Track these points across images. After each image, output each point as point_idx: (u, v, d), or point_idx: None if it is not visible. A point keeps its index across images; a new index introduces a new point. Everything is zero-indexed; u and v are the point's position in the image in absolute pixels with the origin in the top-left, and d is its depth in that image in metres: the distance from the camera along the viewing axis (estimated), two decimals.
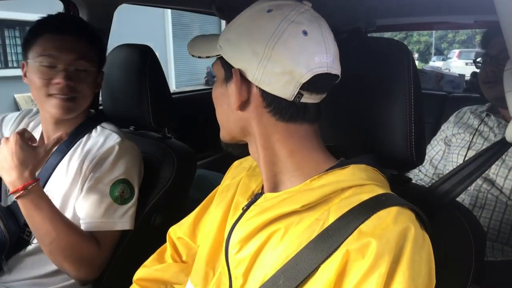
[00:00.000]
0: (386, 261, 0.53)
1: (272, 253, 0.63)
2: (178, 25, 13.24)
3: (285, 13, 0.62)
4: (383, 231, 0.56)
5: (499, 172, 1.32)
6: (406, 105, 0.72)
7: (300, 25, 0.61)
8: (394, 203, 0.59)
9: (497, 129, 1.40)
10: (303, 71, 0.60)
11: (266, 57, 0.61)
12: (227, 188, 0.82)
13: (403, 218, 0.57)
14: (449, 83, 2.75)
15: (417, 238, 0.56)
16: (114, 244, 1.10)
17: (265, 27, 0.61)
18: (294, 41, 0.60)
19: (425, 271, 0.56)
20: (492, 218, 1.31)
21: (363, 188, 0.62)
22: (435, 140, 1.62)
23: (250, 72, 0.63)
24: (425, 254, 0.57)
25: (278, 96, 0.63)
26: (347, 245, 0.56)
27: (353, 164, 0.65)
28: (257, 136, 0.67)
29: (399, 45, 0.77)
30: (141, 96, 1.24)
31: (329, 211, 0.61)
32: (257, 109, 0.65)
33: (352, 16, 2.10)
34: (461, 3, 1.70)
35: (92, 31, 1.14)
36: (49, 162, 1.14)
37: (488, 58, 1.43)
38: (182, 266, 0.88)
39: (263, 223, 0.64)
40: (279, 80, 0.61)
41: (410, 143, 0.74)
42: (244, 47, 0.63)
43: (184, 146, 1.33)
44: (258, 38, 0.62)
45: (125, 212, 1.09)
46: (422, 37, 30.90)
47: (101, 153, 1.09)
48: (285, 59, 0.60)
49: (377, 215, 0.57)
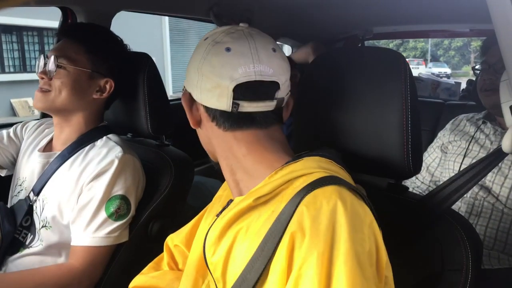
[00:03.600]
0: (323, 241, 0.55)
1: (240, 251, 0.66)
2: (175, 31, 13.30)
3: (214, 37, 0.70)
4: (317, 211, 0.58)
5: (495, 179, 1.32)
6: (402, 114, 0.73)
7: (223, 44, 0.68)
8: (331, 182, 0.61)
9: (493, 137, 1.41)
10: (227, 82, 0.67)
11: (199, 77, 0.69)
12: (218, 199, 0.86)
13: (336, 196, 0.59)
14: (445, 90, 2.76)
15: (355, 216, 0.58)
16: (105, 259, 1.09)
17: (199, 52, 0.71)
18: (216, 58, 0.68)
19: (370, 248, 0.57)
20: (488, 226, 1.32)
21: (312, 175, 0.64)
22: (431, 147, 1.63)
23: (194, 93, 0.72)
24: (367, 231, 0.58)
25: (218, 110, 0.69)
26: (291, 228, 0.58)
27: (306, 157, 0.68)
28: (217, 148, 0.74)
29: (395, 54, 0.78)
30: (139, 104, 1.24)
31: (281, 201, 0.63)
32: (207, 123, 0.73)
33: (349, 23, 2.12)
34: (457, 12, 1.72)
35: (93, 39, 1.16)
36: (49, 167, 1.14)
37: (487, 66, 1.43)
38: (178, 273, 0.88)
39: (228, 223, 0.68)
40: (213, 95, 0.68)
41: (407, 152, 0.74)
42: (189, 73, 0.73)
43: (181, 153, 1.33)
44: (193, 62, 0.71)
45: (118, 228, 1.08)
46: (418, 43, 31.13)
47: (101, 167, 1.08)
48: (211, 75, 0.68)
49: (313, 193, 0.60)
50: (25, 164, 1.21)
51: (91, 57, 1.14)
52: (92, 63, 1.14)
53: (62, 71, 1.11)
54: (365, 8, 1.75)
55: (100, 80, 1.16)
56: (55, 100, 1.11)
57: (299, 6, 1.69)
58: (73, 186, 1.09)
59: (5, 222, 1.10)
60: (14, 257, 1.10)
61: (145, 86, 1.23)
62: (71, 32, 1.18)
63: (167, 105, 1.35)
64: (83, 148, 1.14)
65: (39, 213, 1.11)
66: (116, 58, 1.20)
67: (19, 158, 1.24)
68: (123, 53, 1.23)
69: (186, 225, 0.92)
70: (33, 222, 1.12)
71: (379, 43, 14.25)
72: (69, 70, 1.11)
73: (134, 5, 1.63)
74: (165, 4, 1.64)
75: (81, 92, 1.13)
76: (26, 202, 1.13)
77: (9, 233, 1.10)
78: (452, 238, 0.75)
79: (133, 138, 1.41)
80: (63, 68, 1.11)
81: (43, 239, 1.09)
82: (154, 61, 1.30)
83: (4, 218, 1.11)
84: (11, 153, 1.26)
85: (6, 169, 1.28)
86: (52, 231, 1.09)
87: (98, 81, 1.16)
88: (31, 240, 1.11)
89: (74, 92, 1.12)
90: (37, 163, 1.17)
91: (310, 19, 1.88)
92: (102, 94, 1.17)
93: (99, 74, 1.15)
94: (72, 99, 1.12)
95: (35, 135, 1.26)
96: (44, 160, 1.17)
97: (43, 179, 1.13)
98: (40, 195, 1.13)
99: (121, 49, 1.23)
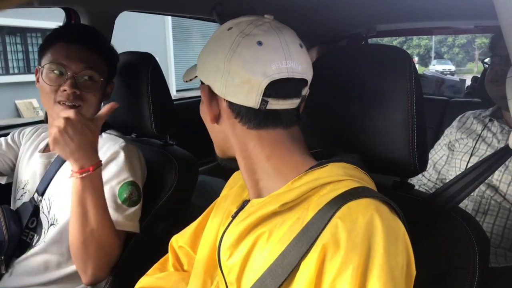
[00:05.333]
0: (358, 254, 0.54)
1: (259, 256, 0.64)
2: (178, 28, 13.31)
3: (241, 28, 0.67)
4: (353, 224, 0.56)
5: (502, 178, 1.31)
6: (408, 112, 0.73)
7: (254, 36, 0.65)
8: (365, 195, 0.60)
9: (500, 135, 1.40)
10: (260, 79, 0.63)
11: (226, 70, 0.65)
12: (225, 198, 0.84)
13: (372, 209, 0.58)
14: (450, 88, 2.75)
15: (390, 229, 0.57)
16: (123, 245, 1.09)
17: (224, 44, 0.66)
18: (248, 52, 0.64)
19: (403, 262, 0.56)
20: (495, 224, 1.31)
21: (340, 183, 0.63)
22: (438, 145, 1.62)
23: (216, 87, 0.67)
24: (401, 245, 0.57)
25: (244, 106, 0.66)
26: (323, 240, 0.57)
27: (332, 163, 0.67)
28: (235, 146, 0.71)
29: (400, 51, 0.77)
30: (143, 104, 1.25)
31: (308, 209, 0.62)
32: (228, 120, 0.69)
33: (352, 21, 2.11)
34: (462, 8, 1.71)
35: (104, 43, 1.16)
36: (51, 166, 1.14)
37: (498, 58, 1.42)
38: (183, 274, 0.88)
39: (248, 227, 0.67)
40: (241, 91, 0.65)
41: (412, 150, 0.74)
42: (209, 64, 0.68)
43: (185, 152, 1.33)
44: (218, 54, 0.66)
45: (134, 214, 1.09)
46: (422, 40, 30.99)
47: (108, 156, 1.09)
48: (241, 70, 0.64)
49: (347, 206, 0.58)
50: (26, 167, 1.21)
51: (107, 64, 1.15)
52: (108, 70, 1.15)
53: (90, 83, 1.09)
54: (368, 6, 1.74)
55: (107, 86, 1.17)
56: (87, 114, 1.05)
57: (302, 5, 1.68)
58: None
59: (11, 223, 1.10)
60: (21, 259, 1.10)
61: (148, 86, 1.24)
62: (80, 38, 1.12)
63: (171, 105, 1.35)
64: None
65: (47, 212, 1.12)
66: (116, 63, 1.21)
67: (19, 163, 1.25)
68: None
69: (190, 225, 0.92)
70: (40, 222, 1.12)
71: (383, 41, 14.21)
72: (96, 80, 1.10)
73: (137, 6, 1.63)
74: (167, 4, 1.64)
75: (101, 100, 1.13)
76: (32, 204, 1.13)
77: (15, 235, 1.10)
78: (459, 236, 0.75)
79: (138, 138, 1.41)
80: (91, 78, 1.09)
81: (47, 237, 1.09)
82: (157, 60, 1.30)
83: (10, 219, 1.11)
84: (10, 159, 1.26)
85: (6, 176, 1.28)
86: (59, 227, 1.09)
87: (106, 87, 1.17)
88: (37, 241, 1.11)
89: (99, 103, 1.12)
90: (39, 164, 1.18)
91: (313, 17, 1.87)
92: (107, 98, 1.18)
93: (108, 81, 1.17)
94: (96, 110, 1.12)
95: (32, 139, 1.27)
96: (45, 161, 1.17)
97: (46, 179, 1.14)
98: (46, 195, 1.13)
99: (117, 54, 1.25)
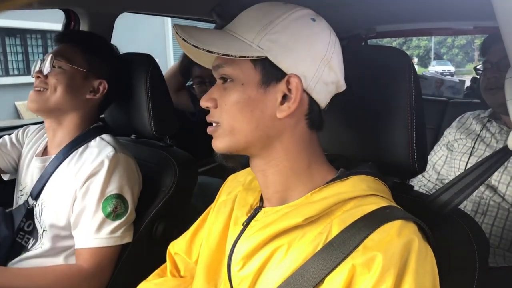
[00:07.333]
0: (392, 275, 0.53)
1: (276, 269, 0.62)
2: None
3: (326, 24, 0.65)
4: (388, 245, 0.56)
5: (501, 179, 1.31)
6: (407, 113, 0.72)
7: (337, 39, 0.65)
8: (398, 216, 0.59)
9: (499, 135, 1.40)
10: (343, 82, 0.63)
11: (323, 66, 0.61)
12: (224, 204, 0.80)
13: (407, 231, 0.58)
14: (449, 88, 2.75)
15: (421, 251, 0.57)
16: (112, 260, 1.08)
17: (322, 37, 0.62)
18: (340, 53, 0.64)
19: (429, 283, 0.56)
20: (494, 225, 1.31)
21: (365, 199, 0.62)
22: (438, 145, 1.62)
23: (306, 79, 0.61)
24: (429, 266, 0.57)
25: (315, 104, 0.64)
26: (353, 259, 0.55)
27: (353, 175, 0.65)
28: (283, 145, 0.64)
29: (399, 52, 0.77)
30: (142, 105, 1.24)
31: (332, 224, 0.60)
32: (298, 116, 0.63)
33: (352, 22, 2.11)
34: (461, 9, 1.71)
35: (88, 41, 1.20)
36: (45, 171, 1.15)
37: (489, 65, 1.42)
38: (180, 281, 0.88)
39: (267, 238, 0.63)
40: (326, 89, 0.63)
41: (412, 151, 0.73)
42: (301, 53, 0.60)
43: (185, 154, 1.33)
44: (316, 46, 0.61)
45: (118, 227, 1.08)
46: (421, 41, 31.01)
47: (93, 167, 1.08)
48: (338, 70, 0.63)
49: (382, 229, 0.57)
50: (26, 170, 1.22)
51: (87, 57, 1.15)
52: (87, 63, 1.15)
53: (58, 70, 1.12)
54: (368, 7, 1.74)
55: (94, 81, 1.17)
56: (49, 99, 1.11)
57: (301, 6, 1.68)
58: (68, 188, 1.09)
59: (2, 226, 1.11)
60: (15, 261, 1.10)
61: (148, 88, 1.23)
62: (68, 37, 1.20)
63: (171, 106, 1.35)
64: (77, 149, 1.14)
65: (39, 217, 1.12)
66: (111, 61, 1.22)
67: (21, 164, 1.25)
68: (118, 58, 1.26)
69: (186, 231, 0.91)
70: (35, 227, 1.12)
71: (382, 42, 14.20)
72: (65, 68, 1.12)
73: (137, 7, 1.63)
74: (167, 5, 1.65)
75: (75, 91, 1.13)
76: (25, 207, 1.14)
77: (6, 238, 1.10)
78: (458, 237, 0.74)
79: (137, 139, 1.41)
80: (59, 67, 1.12)
81: (44, 243, 1.10)
82: (157, 62, 1.30)
83: (1, 222, 1.11)
84: (13, 158, 1.27)
85: (9, 173, 1.29)
86: (51, 234, 1.09)
87: (92, 82, 1.17)
88: (33, 244, 1.11)
89: (68, 90, 1.12)
90: (35, 168, 1.18)
91: None
92: (95, 95, 1.17)
93: (93, 75, 1.16)
94: (66, 98, 1.12)
95: (34, 140, 1.27)
96: (40, 165, 1.17)
97: (40, 184, 1.14)
98: (39, 200, 1.13)
99: (116, 54, 1.26)
